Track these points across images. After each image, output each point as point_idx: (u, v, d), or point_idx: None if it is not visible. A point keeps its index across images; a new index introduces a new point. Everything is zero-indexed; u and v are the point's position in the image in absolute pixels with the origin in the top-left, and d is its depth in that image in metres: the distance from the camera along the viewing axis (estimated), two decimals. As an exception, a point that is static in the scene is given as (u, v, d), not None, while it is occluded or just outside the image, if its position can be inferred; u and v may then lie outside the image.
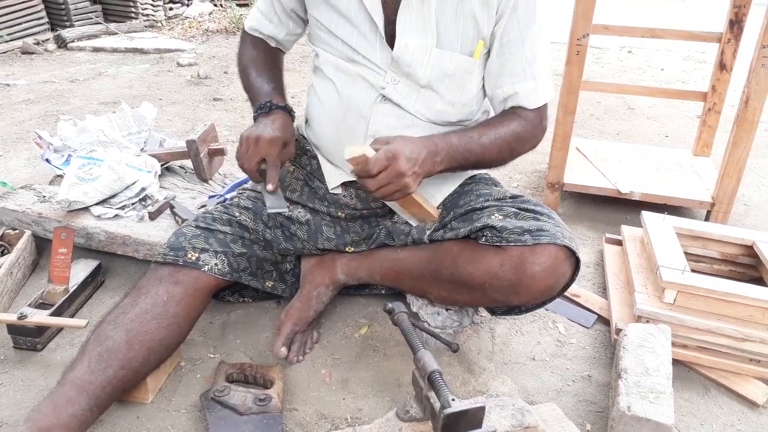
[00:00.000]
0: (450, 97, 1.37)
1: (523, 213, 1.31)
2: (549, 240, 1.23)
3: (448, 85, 1.35)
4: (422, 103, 1.37)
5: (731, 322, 1.41)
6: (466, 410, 0.96)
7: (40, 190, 1.91)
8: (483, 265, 1.27)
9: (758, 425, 1.32)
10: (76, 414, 1.08)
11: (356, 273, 1.52)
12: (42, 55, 4.71)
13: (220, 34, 5.54)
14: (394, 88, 1.35)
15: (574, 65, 2.04)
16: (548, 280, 1.25)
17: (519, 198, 1.40)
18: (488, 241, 1.27)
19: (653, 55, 4.91)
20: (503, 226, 1.26)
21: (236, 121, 3.21)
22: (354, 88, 1.37)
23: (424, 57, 1.31)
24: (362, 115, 1.38)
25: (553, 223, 1.29)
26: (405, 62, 1.31)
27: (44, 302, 1.52)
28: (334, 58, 1.39)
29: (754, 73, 1.87)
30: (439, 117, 1.39)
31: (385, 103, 1.36)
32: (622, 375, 1.25)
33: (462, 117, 1.42)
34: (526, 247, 1.23)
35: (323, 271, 1.52)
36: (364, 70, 1.35)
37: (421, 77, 1.32)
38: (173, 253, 1.32)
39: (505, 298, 1.30)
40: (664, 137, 3.11)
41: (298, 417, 1.29)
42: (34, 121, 3.14)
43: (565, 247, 1.25)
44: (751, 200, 2.40)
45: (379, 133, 1.38)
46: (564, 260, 1.25)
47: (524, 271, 1.23)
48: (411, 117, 1.38)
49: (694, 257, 1.77)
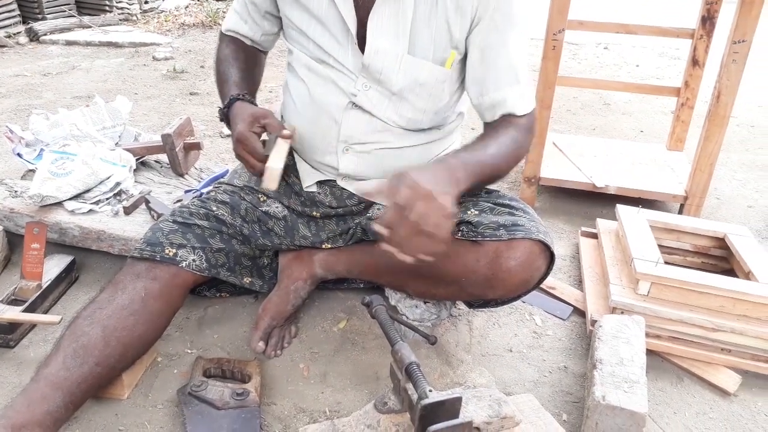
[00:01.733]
0: (421, 105, 1.36)
1: (498, 208, 1.32)
2: (524, 235, 1.24)
3: (419, 94, 1.33)
4: (393, 110, 1.35)
5: (703, 313, 1.43)
6: (443, 401, 0.97)
7: (12, 185, 1.87)
8: (459, 259, 1.28)
9: (729, 413, 1.35)
10: (51, 411, 1.07)
11: (334, 268, 1.52)
12: (13, 48, 4.62)
13: (197, 28, 5.48)
14: (365, 94, 1.33)
15: (550, 60, 2.06)
16: (523, 275, 1.26)
17: (494, 193, 1.40)
18: (464, 236, 1.27)
19: (629, 51, 4.97)
20: (479, 221, 1.27)
21: (213, 115, 3.18)
22: (325, 91, 1.36)
23: (396, 64, 1.28)
24: (333, 119, 1.37)
25: (528, 218, 1.29)
26: (376, 69, 1.29)
27: (17, 298, 1.50)
28: (307, 58, 1.37)
29: (726, 69, 1.91)
30: (410, 124, 1.38)
31: (355, 109, 1.35)
32: (597, 365, 1.27)
33: (434, 124, 1.42)
34: (501, 242, 1.24)
35: (301, 265, 1.51)
36: (335, 73, 1.33)
37: (393, 84, 1.30)
38: (150, 249, 1.31)
39: (481, 292, 1.31)
40: (639, 132, 3.16)
41: (277, 411, 1.28)
42: (6, 115, 3.07)
43: (540, 242, 1.26)
44: (722, 194, 2.45)
45: (351, 138, 1.38)
46: (539, 255, 1.27)
47: (499, 266, 1.24)
48: (382, 123, 1.37)
49: (668, 250, 1.80)
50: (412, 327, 1.37)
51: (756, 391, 1.41)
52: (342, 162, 1.42)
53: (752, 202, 2.38)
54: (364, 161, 1.42)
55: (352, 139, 1.38)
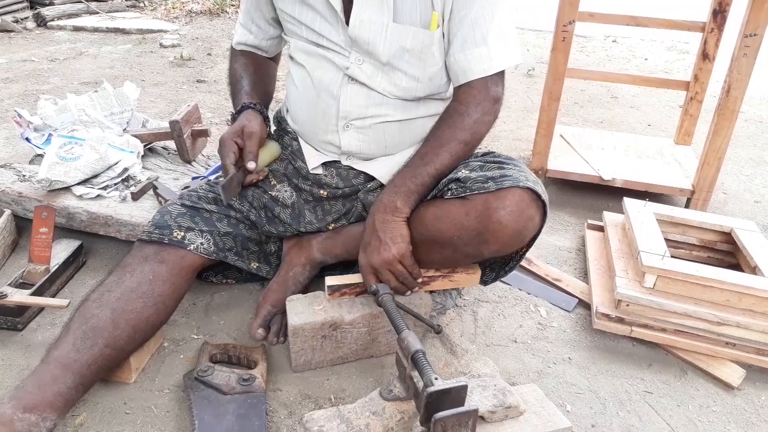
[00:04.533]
0: (413, 73, 1.36)
1: (488, 164, 1.31)
2: (512, 183, 1.21)
3: (408, 60, 1.34)
4: (387, 80, 1.36)
5: (708, 307, 1.43)
6: (449, 389, 0.97)
7: (20, 170, 1.87)
8: (449, 218, 1.26)
9: (733, 407, 1.35)
10: (62, 392, 1.08)
11: (332, 250, 1.52)
12: (21, 33, 4.61)
13: (204, 15, 5.46)
14: (359, 68, 1.35)
15: (560, 52, 2.05)
16: (515, 225, 1.22)
17: (489, 154, 1.39)
18: (453, 194, 1.26)
19: (637, 45, 4.94)
20: (467, 177, 1.26)
21: (219, 103, 3.18)
22: (322, 71, 1.39)
23: (382, 32, 1.29)
24: (332, 95, 1.39)
25: (517, 170, 1.27)
26: (363, 40, 1.31)
27: (25, 282, 1.51)
28: (303, 44, 1.41)
29: (736, 63, 1.90)
30: (406, 93, 1.38)
31: (352, 84, 1.37)
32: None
33: (431, 91, 1.41)
34: (489, 193, 1.22)
35: (300, 251, 1.52)
36: (329, 53, 1.37)
37: (381, 54, 1.32)
38: (158, 231, 1.32)
39: (476, 250, 1.28)
40: (646, 126, 3.14)
41: (282, 397, 1.29)
42: (13, 100, 3.08)
43: (530, 190, 1.23)
44: (730, 189, 2.44)
45: (350, 113, 1.39)
46: (530, 203, 1.23)
47: (489, 218, 1.21)
48: (379, 96, 1.38)
49: (674, 243, 1.80)
50: (417, 316, 1.37)
51: (760, 385, 1.41)
52: (344, 139, 1.43)
53: (759, 198, 2.38)
54: (366, 137, 1.42)
55: (352, 115, 1.39)
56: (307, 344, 1.33)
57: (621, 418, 1.30)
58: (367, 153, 1.45)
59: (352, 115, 1.40)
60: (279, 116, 1.63)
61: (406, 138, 1.44)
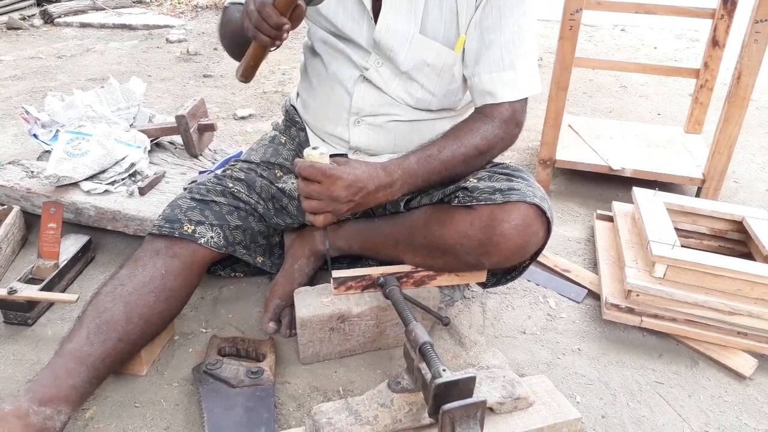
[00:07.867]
0: (430, 87, 1.36)
1: (496, 175, 1.30)
2: (519, 198, 1.21)
3: (428, 75, 1.33)
4: (403, 89, 1.36)
5: (720, 296, 1.42)
6: (457, 380, 0.97)
7: (28, 166, 1.88)
8: (454, 225, 1.26)
9: (744, 396, 1.34)
10: (76, 385, 1.08)
11: (335, 243, 1.52)
12: (28, 30, 4.63)
13: (210, 10, 5.46)
14: (376, 70, 1.34)
15: (567, 41, 2.03)
16: (518, 239, 1.23)
17: (499, 165, 1.39)
18: (460, 202, 1.26)
19: (646, 33, 4.89)
20: (475, 186, 1.25)
21: (226, 97, 3.18)
22: (339, 64, 1.38)
23: (405, 43, 1.29)
24: (346, 90, 1.38)
25: (525, 184, 1.27)
26: (386, 46, 1.30)
27: (34, 277, 1.52)
28: (323, 33, 1.39)
29: (747, 49, 1.87)
30: (419, 104, 1.39)
31: (366, 83, 1.37)
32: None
33: (444, 106, 1.41)
34: (495, 205, 1.22)
35: (303, 243, 1.52)
36: (349, 48, 1.35)
37: (402, 62, 1.31)
38: (169, 225, 1.32)
39: (477, 259, 1.28)
40: (656, 115, 3.11)
41: (291, 389, 1.29)
42: (21, 97, 3.09)
43: (536, 206, 1.23)
44: (741, 177, 2.42)
45: (362, 110, 1.38)
46: (535, 219, 1.23)
47: (493, 229, 1.21)
48: (392, 99, 1.38)
49: (685, 233, 1.78)
50: (425, 308, 1.37)
51: (772, 374, 1.40)
52: (353, 134, 1.42)
53: (771, 186, 2.35)
54: (376, 134, 1.42)
55: (364, 111, 1.39)
56: (315, 336, 1.33)
57: (631, 408, 1.29)
58: (376, 149, 1.45)
59: (365, 112, 1.39)
60: (288, 106, 1.62)
61: (415, 138, 1.43)
